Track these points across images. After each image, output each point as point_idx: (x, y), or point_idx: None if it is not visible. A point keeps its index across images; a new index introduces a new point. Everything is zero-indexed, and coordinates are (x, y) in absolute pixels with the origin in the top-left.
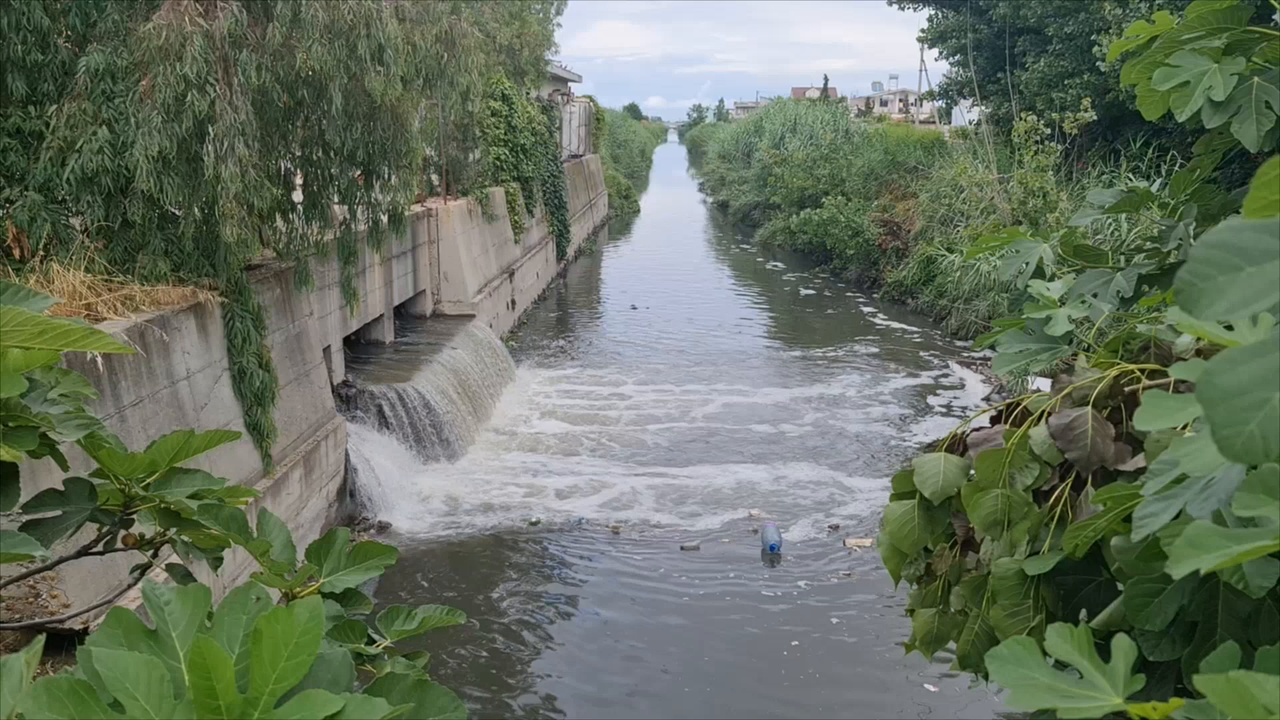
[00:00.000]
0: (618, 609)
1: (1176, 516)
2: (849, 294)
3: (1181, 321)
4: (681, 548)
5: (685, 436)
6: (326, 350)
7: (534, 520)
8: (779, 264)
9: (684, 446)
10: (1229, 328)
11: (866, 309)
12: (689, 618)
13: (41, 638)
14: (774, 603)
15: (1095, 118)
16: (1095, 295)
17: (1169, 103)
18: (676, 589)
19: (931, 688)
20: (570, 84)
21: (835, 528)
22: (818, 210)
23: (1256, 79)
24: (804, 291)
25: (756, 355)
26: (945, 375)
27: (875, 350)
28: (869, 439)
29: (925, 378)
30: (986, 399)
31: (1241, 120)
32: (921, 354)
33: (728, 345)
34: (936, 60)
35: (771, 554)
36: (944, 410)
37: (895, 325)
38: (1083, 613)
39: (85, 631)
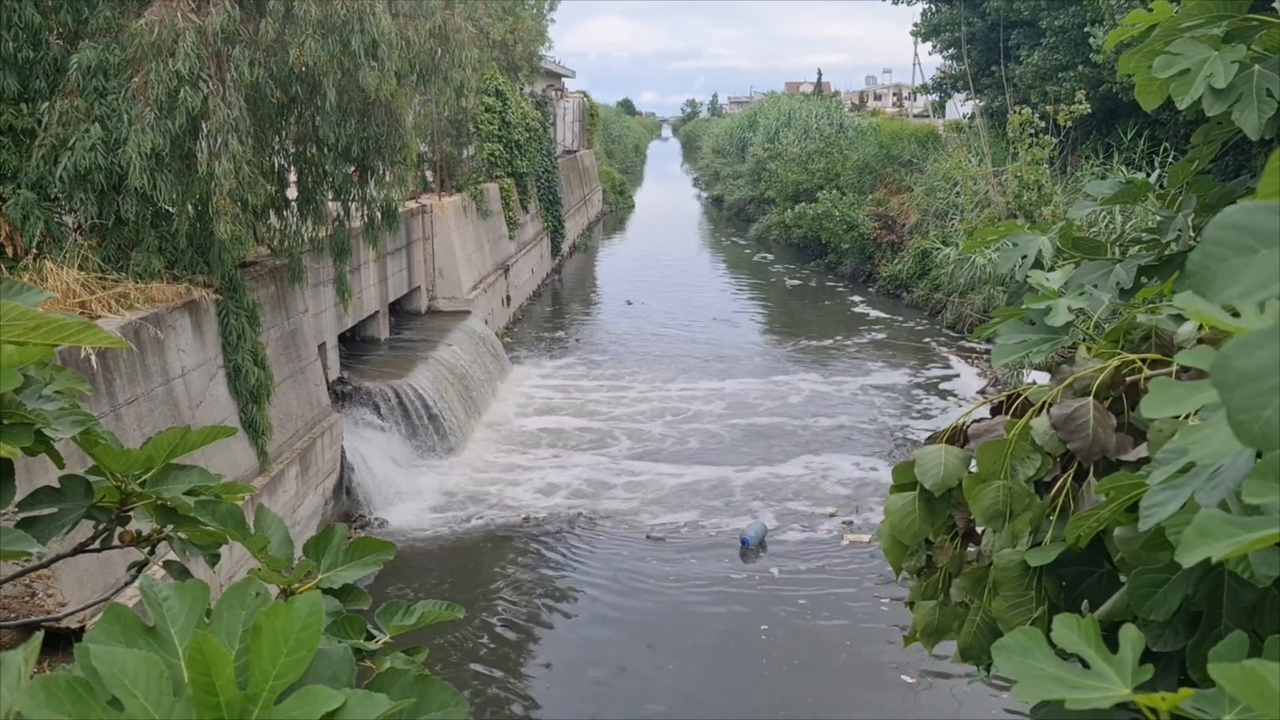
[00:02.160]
0: (610, 600)
1: (1183, 506)
2: (844, 288)
3: (1188, 307)
4: (648, 536)
5: (681, 431)
6: (322, 347)
7: (529, 516)
8: (774, 258)
9: (679, 441)
10: (1235, 314)
11: (862, 303)
12: (674, 607)
13: (39, 634)
14: (754, 596)
15: (1089, 110)
16: (1095, 286)
17: (1168, 91)
18: (663, 581)
19: (909, 679)
20: (564, 79)
21: (850, 523)
22: (812, 205)
23: (1257, 66)
24: (799, 286)
25: (752, 350)
26: (942, 368)
27: (870, 344)
28: (866, 432)
29: (922, 371)
30: (982, 392)
31: (1243, 108)
32: (917, 347)
33: (723, 340)
34: (930, 54)
35: (744, 547)
36: (942, 403)
37: (890, 319)
38: (1084, 604)
39: (82, 630)
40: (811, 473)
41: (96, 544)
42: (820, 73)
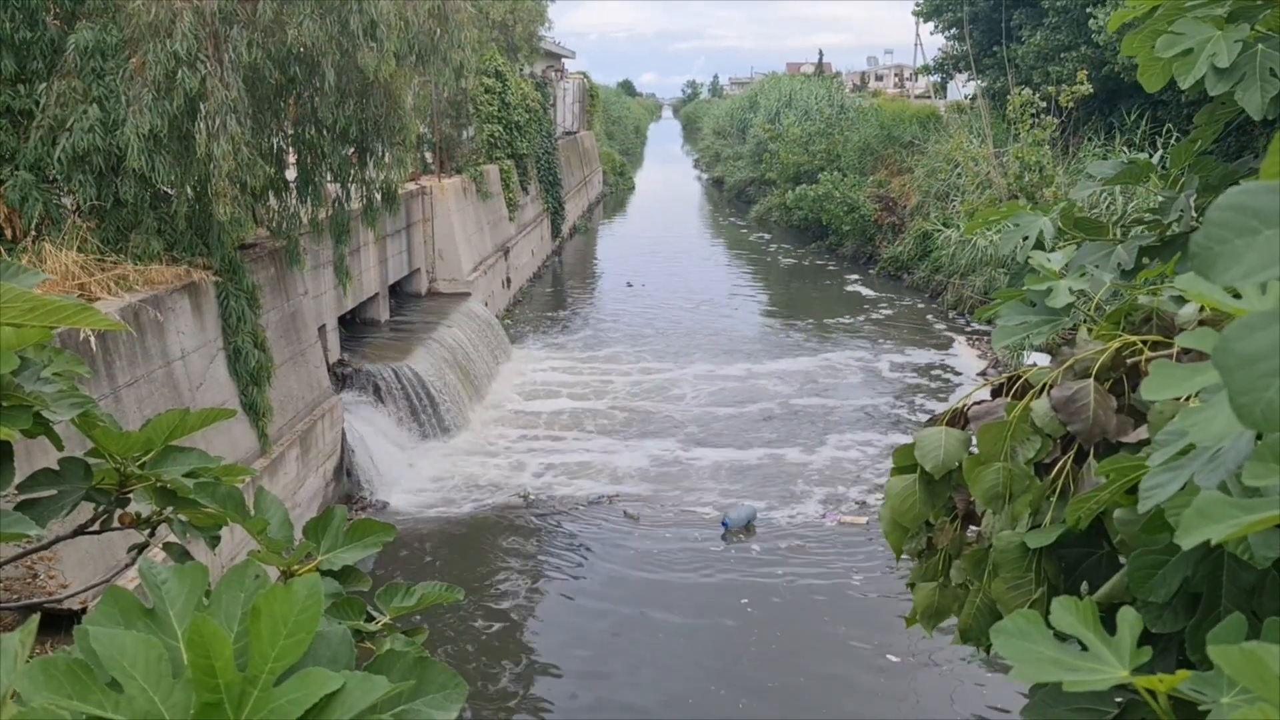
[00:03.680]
0: (606, 577)
1: (1183, 487)
2: (845, 269)
3: (1190, 288)
4: (625, 513)
5: (681, 413)
6: (322, 329)
7: (528, 496)
8: (775, 240)
9: (679, 424)
10: (1236, 295)
11: (862, 284)
12: (663, 583)
13: (36, 616)
14: (737, 573)
15: (1091, 91)
16: (1096, 267)
17: (1171, 71)
18: (649, 559)
19: (894, 658)
20: (564, 60)
21: (863, 503)
22: (813, 186)
23: (1261, 46)
24: (799, 267)
25: (753, 331)
26: (943, 350)
27: (872, 325)
28: (867, 414)
29: (922, 352)
30: (982, 374)
31: (1246, 88)
32: (918, 329)
33: (723, 321)
34: (932, 34)
35: (725, 529)
36: (941, 384)
37: (892, 300)
38: (1084, 585)
39: (83, 611)
40: (810, 455)
41: (96, 526)
42: (821, 53)
